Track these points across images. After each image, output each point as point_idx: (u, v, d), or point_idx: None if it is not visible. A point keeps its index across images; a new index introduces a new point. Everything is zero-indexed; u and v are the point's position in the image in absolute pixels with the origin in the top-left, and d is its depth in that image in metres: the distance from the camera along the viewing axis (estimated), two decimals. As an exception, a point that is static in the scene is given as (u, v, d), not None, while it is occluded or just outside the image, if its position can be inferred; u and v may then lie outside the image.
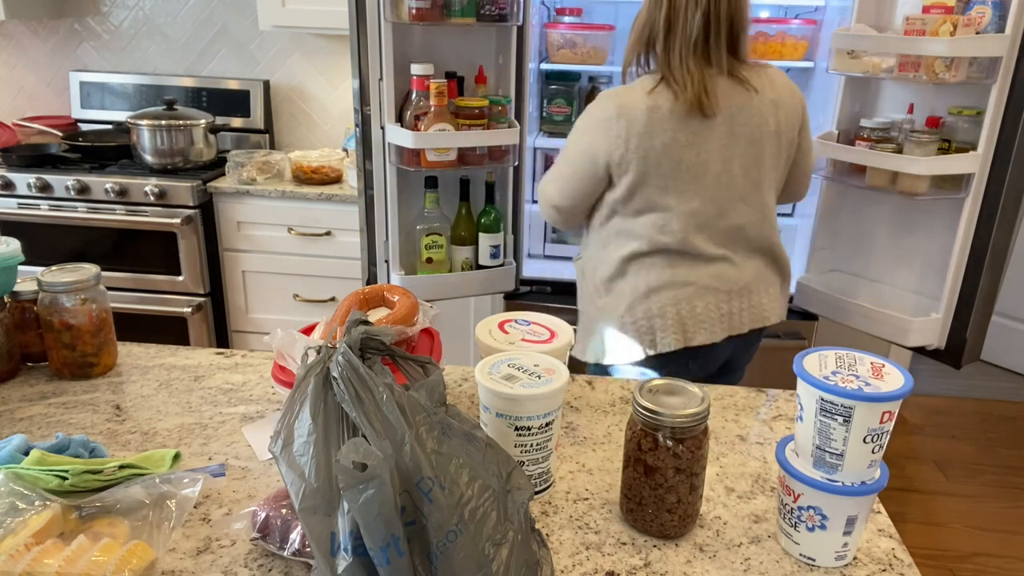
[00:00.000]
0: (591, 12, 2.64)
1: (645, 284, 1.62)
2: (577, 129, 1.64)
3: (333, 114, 3.24)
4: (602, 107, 1.58)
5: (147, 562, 0.81)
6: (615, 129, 1.55)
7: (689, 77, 1.52)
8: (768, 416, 1.22)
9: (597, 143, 1.58)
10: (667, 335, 1.61)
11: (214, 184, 2.75)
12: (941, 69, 1.84)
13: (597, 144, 1.58)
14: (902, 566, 0.89)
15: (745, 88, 1.57)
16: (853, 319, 2.15)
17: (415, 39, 2.08)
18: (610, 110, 1.56)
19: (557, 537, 0.92)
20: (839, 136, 2.15)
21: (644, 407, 0.88)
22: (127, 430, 1.13)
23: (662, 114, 1.53)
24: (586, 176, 1.62)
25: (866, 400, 0.80)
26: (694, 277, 1.61)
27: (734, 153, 1.58)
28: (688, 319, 1.62)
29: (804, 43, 2.42)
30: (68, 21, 3.24)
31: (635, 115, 1.53)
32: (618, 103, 1.56)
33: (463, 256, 2.21)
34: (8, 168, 2.79)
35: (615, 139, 1.55)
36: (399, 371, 0.86)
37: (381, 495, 0.67)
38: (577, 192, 1.66)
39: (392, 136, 2.04)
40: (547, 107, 2.66)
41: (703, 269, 1.62)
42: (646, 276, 1.62)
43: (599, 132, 1.57)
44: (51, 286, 1.22)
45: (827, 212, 2.27)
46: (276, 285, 2.87)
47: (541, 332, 1.20)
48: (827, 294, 2.21)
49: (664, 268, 1.61)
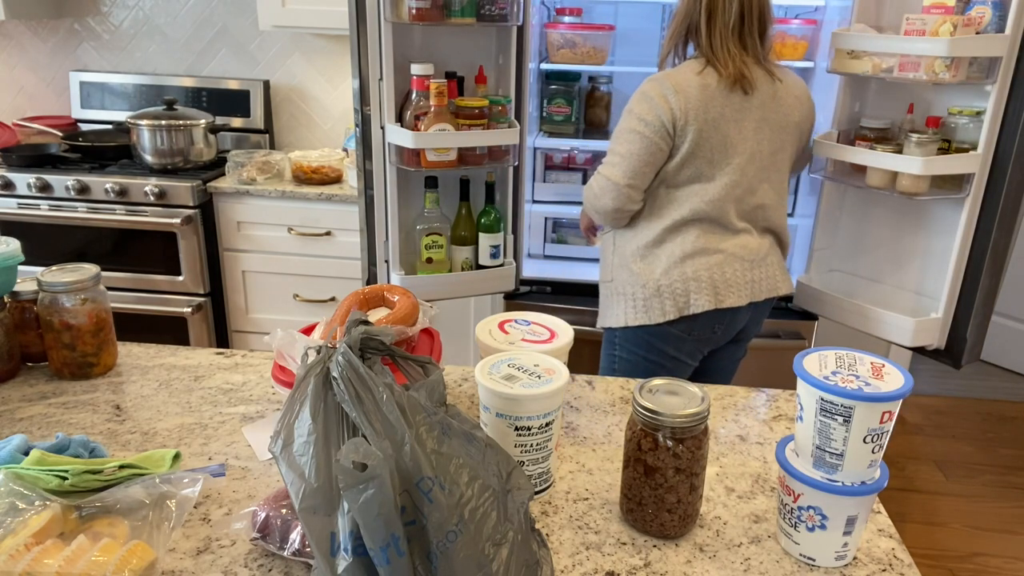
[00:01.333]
0: (591, 12, 2.64)
1: (681, 250, 1.75)
2: (632, 112, 1.73)
3: (333, 114, 3.24)
4: (656, 87, 1.70)
5: (147, 562, 0.81)
6: (674, 101, 1.67)
7: (730, 57, 1.69)
8: (768, 416, 1.22)
9: (661, 116, 1.68)
10: (700, 296, 1.75)
11: (214, 184, 2.75)
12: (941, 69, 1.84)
13: (660, 117, 1.68)
14: (902, 566, 0.90)
15: (773, 79, 1.76)
16: (853, 319, 2.15)
17: (415, 39, 2.08)
18: (667, 86, 1.68)
19: (557, 537, 0.92)
20: (839, 136, 2.15)
21: (644, 407, 0.88)
22: (127, 430, 1.13)
23: (711, 91, 1.69)
24: (652, 149, 1.71)
25: (866, 400, 0.80)
26: (724, 246, 1.77)
27: (764, 136, 1.76)
28: (720, 283, 1.76)
29: (804, 43, 2.42)
30: (68, 21, 3.24)
31: (690, 91, 1.68)
32: (673, 81, 1.69)
33: (463, 256, 2.21)
34: (8, 168, 2.79)
35: (676, 111, 1.68)
36: (399, 371, 0.86)
37: (381, 495, 0.67)
38: (644, 167, 1.73)
39: (392, 136, 2.04)
40: (547, 107, 2.65)
41: (731, 239, 1.78)
42: (682, 243, 1.76)
43: (661, 106, 1.68)
44: (51, 286, 1.22)
45: (827, 212, 2.27)
46: (276, 285, 2.87)
47: (541, 332, 1.20)
48: (827, 294, 2.21)
49: (699, 236, 1.76)
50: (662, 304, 1.77)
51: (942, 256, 2.04)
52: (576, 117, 2.68)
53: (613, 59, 2.61)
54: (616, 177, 1.73)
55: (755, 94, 1.73)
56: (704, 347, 1.87)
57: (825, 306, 2.22)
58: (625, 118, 1.74)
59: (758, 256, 1.82)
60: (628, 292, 1.81)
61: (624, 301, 1.82)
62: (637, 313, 1.80)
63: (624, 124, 1.73)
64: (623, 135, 1.73)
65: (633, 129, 1.71)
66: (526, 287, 2.44)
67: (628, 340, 1.85)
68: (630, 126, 1.72)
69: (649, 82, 1.72)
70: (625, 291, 1.82)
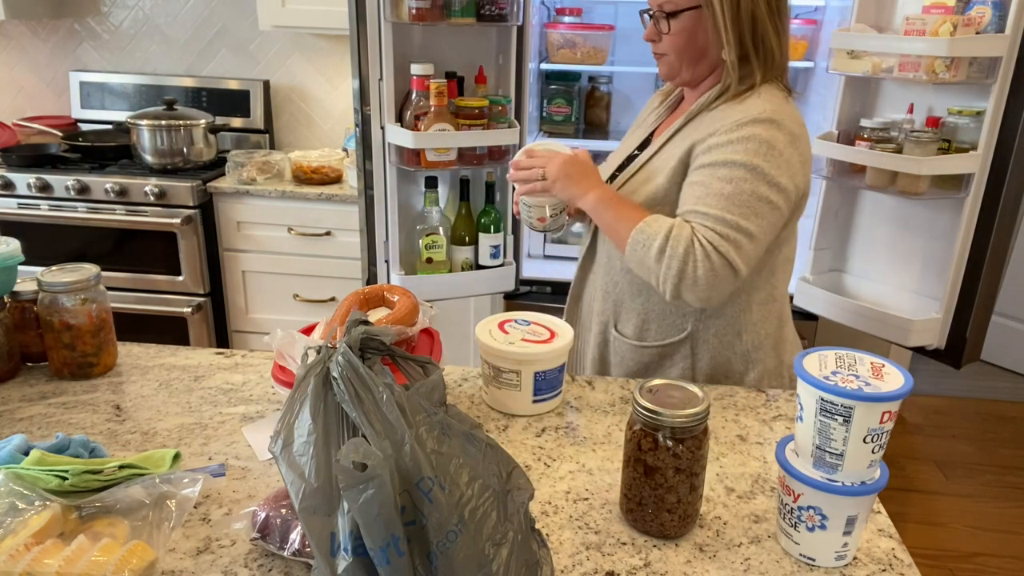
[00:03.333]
0: (591, 12, 2.64)
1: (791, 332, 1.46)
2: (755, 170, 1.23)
3: (333, 114, 3.24)
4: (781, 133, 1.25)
5: (147, 562, 0.81)
6: (809, 158, 1.30)
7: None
8: (768, 416, 1.22)
9: (798, 183, 1.28)
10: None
11: (214, 184, 2.75)
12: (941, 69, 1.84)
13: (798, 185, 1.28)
14: (902, 566, 0.90)
15: None
16: (853, 319, 2.15)
17: (415, 39, 2.08)
18: (795, 134, 1.27)
19: (557, 537, 0.92)
20: (839, 136, 2.15)
21: (644, 407, 0.88)
22: (127, 430, 1.13)
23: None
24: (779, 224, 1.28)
25: (866, 400, 0.80)
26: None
27: None
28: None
29: (804, 43, 2.42)
30: (68, 21, 3.24)
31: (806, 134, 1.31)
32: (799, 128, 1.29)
33: (463, 256, 2.21)
34: (8, 168, 2.78)
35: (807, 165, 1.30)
36: (399, 371, 0.86)
37: (381, 495, 0.67)
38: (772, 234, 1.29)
39: (392, 136, 2.04)
40: (547, 107, 2.66)
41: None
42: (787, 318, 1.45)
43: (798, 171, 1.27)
44: (51, 286, 1.22)
45: (827, 212, 2.27)
46: (276, 285, 2.87)
47: (541, 332, 1.20)
48: (827, 294, 2.21)
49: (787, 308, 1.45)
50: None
51: (942, 256, 2.04)
52: (576, 117, 2.68)
53: (613, 59, 2.61)
54: (743, 266, 1.22)
55: None
56: None
57: (825, 306, 2.22)
58: (745, 178, 1.22)
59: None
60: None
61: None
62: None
63: (747, 186, 1.22)
64: (752, 203, 1.22)
65: (766, 199, 1.23)
66: (526, 287, 2.45)
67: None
68: (760, 192, 1.22)
69: (770, 127, 1.24)
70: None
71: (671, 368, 1.41)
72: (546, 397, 1.19)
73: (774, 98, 1.28)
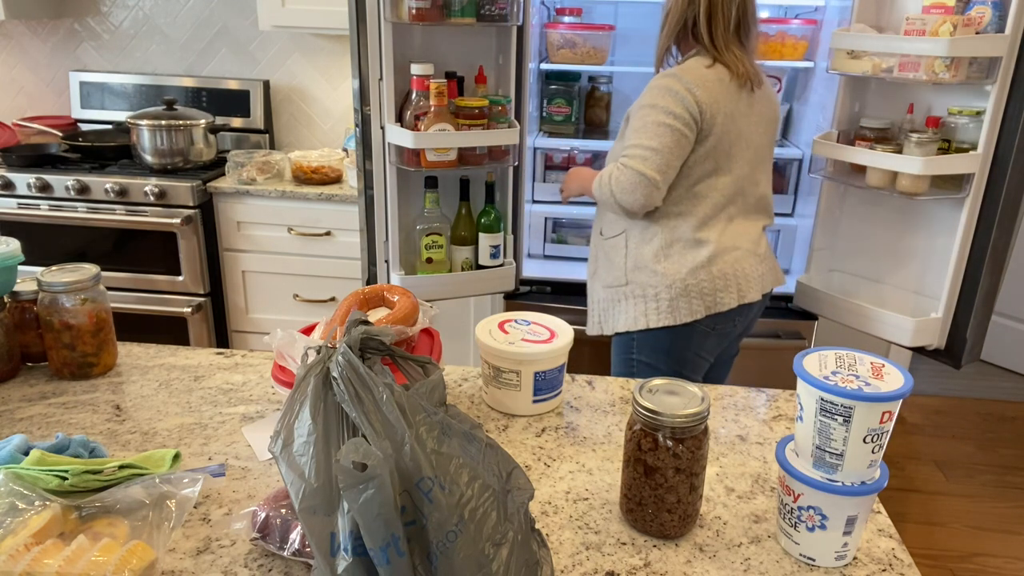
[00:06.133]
0: (591, 12, 2.64)
1: (708, 249, 1.76)
2: (655, 107, 1.69)
3: (333, 114, 3.24)
4: (676, 81, 1.69)
5: (147, 562, 0.81)
6: (699, 94, 1.68)
7: (735, 57, 1.73)
8: (768, 416, 1.22)
9: (689, 108, 1.67)
10: (726, 294, 1.77)
11: (214, 184, 2.75)
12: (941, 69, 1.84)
13: (689, 109, 1.68)
14: (902, 566, 0.90)
15: (761, 78, 1.80)
16: (853, 319, 2.15)
17: (415, 39, 2.08)
18: (687, 80, 1.69)
19: (557, 537, 0.92)
20: (839, 136, 2.15)
21: (644, 407, 0.88)
22: (127, 430, 1.13)
23: (725, 85, 1.72)
24: (682, 142, 1.69)
25: (866, 400, 0.80)
26: (740, 241, 1.80)
27: (762, 129, 1.81)
28: (741, 279, 1.79)
29: (804, 43, 2.42)
30: (68, 21, 3.24)
31: (709, 85, 1.69)
32: (692, 76, 1.69)
33: (463, 256, 2.21)
34: (8, 168, 2.78)
35: (703, 103, 1.68)
36: (399, 371, 0.86)
37: (381, 495, 0.67)
38: (675, 160, 1.70)
39: (392, 136, 2.04)
40: (547, 107, 2.66)
41: (745, 234, 1.82)
42: (707, 239, 1.76)
43: (687, 99, 1.67)
44: (51, 286, 1.22)
45: (827, 212, 2.27)
46: (276, 285, 2.87)
47: (541, 332, 1.20)
48: (827, 294, 2.21)
49: (723, 232, 1.78)
50: (689, 303, 1.76)
51: (942, 256, 2.04)
52: (576, 117, 2.68)
53: (613, 59, 2.61)
54: (650, 171, 1.67)
55: (756, 90, 1.78)
56: (723, 342, 1.87)
57: (825, 306, 2.23)
58: (648, 113, 1.70)
59: (763, 249, 1.85)
60: (650, 294, 1.78)
61: (644, 303, 1.79)
62: (660, 315, 1.78)
63: (649, 118, 1.69)
64: (650, 129, 1.68)
65: (661, 122, 1.67)
66: (526, 287, 2.44)
67: (648, 342, 1.82)
68: (657, 119, 1.68)
69: (666, 77, 1.71)
70: (646, 293, 1.79)
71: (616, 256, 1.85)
72: (546, 397, 1.19)
73: (688, 63, 1.74)
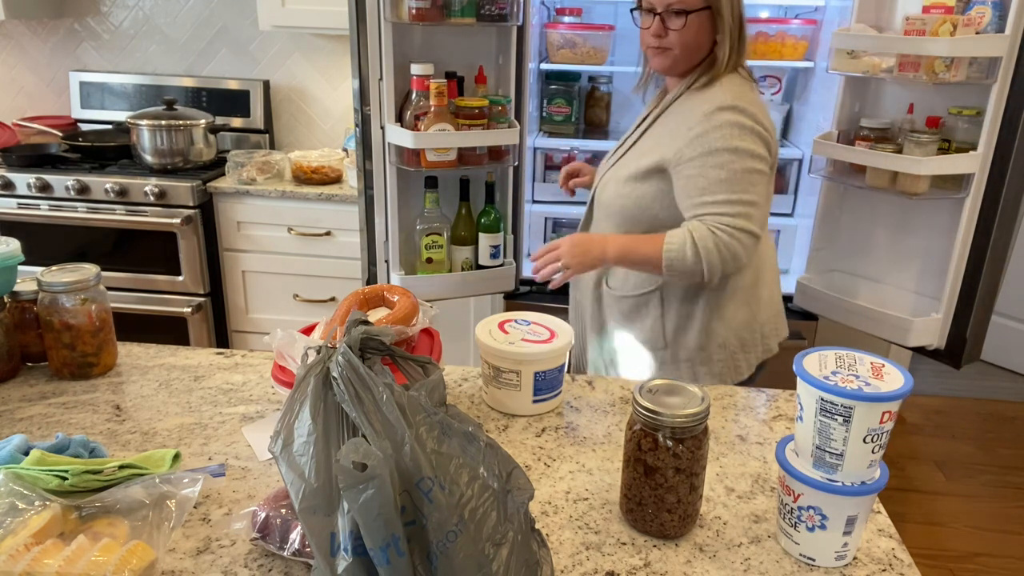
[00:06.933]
0: (591, 12, 2.64)
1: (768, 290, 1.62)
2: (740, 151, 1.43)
3: (333, 114, 3.24)
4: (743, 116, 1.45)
5: (147, 562, 0.81)
6: (767, 124, 1.49)
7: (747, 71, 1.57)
8: (768, 416, 1.22)
9: (771, 148, 1.50)
10: (772, 340, 1.65)
11: (214, 184, 2.75)
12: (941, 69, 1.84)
13: (770, 149, 1.50)
14: (902, 566, 0.90)
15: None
16: (853, 319, 2.15)
17: (415, 39, 2.08)
18: (752, 112, 1.46)
19: (557, 537, 0.92)
20: (839, 136, 2.15)
21: (644, 407, 0.88)
22: (127, 430, 1.13)
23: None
24: (770, 187, 1.52)
25: (866, 400, 0.80)
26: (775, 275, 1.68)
27: None
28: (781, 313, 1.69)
29: (804, 43, 2.42)
30: (68, 21, 3.24)
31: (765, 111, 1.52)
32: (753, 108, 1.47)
33: (463, 256, 2.21)
34: (8, 168, 2.78)
35: (771, 134, 1.50)
36: (399, 371, 0.86)
37: (381, 495, 0.67)
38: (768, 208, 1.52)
39: (392, 136, 2.04)
40: (547, 107, 2.66)
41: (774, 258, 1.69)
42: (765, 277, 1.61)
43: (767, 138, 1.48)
44: (51, 286, 1.22)
45: (827, 212, 2.27)
46: (276, 285, 2.87)
47: (541, 332, 1.20)
48: (827, 294, 2.21)
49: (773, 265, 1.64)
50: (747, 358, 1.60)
51: (942, 256, 2.04)
52: (576, 117, 2.68)
53: (613, 59, 2.61)
54: (757, 229, 1.44)
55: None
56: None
57: (825, 306, 2.23)
58: (731, 159, 1.42)
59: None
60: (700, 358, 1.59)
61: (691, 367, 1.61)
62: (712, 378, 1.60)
63: (736, 165, 1.42)
64: (741, 178, 1.42)
65: (752, 169, 1.43)
66: (526, 287, 2.44)
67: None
68: (746, 166, 1.43)
69: (734, 112, 1.44)
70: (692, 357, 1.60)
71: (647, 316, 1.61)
72: (546, 397, 1.19)
73: (733, 85, 1.49)
